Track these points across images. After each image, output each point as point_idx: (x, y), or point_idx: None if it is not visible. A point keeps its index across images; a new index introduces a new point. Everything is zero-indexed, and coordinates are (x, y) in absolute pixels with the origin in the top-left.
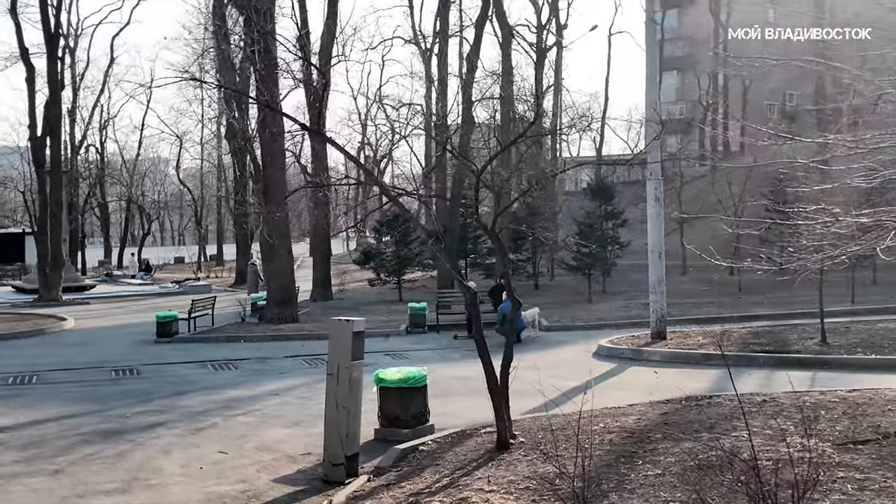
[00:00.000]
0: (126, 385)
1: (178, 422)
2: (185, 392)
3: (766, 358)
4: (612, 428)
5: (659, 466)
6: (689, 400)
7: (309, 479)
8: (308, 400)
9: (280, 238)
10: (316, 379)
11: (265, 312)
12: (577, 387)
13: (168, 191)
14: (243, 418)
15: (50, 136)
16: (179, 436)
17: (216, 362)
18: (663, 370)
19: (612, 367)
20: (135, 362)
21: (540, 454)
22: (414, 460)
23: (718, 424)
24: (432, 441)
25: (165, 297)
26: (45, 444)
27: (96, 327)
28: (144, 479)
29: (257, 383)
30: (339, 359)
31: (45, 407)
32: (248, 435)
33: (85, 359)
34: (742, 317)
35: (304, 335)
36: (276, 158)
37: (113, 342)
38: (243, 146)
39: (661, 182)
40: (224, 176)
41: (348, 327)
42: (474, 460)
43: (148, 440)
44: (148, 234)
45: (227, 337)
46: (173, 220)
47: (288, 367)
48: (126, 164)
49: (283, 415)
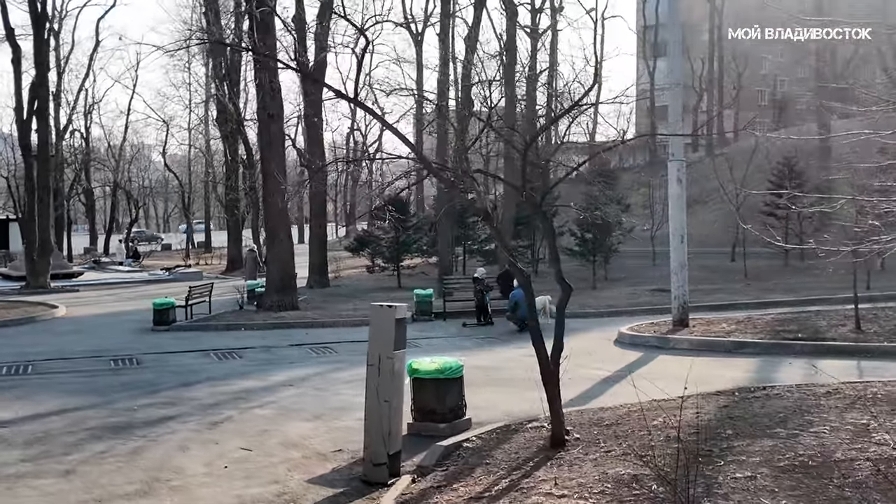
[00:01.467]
0: (127, 375)
1: (190, 415)
2: (191, 383)
3: (802, 346)
4: (672, 423)
5: (745, 467)
6: (743, 391)
7: (347, 480)
8: (325, 391)
9: (280, 223)
10: (328, 368)
11: (264, 300)
12: (608, 377)
13: (152, 177)
14: (259, 411)
15: (37, 119)
16: (195, 430)
17: (219, 351)
18: (694, 359)
19: (638, 355)
20: (134, 351)
21: (603, 453)
22: (459, 459)
23: (789, 419)
24: (476, 437)
25: (156, 285)
26: (50, 441)
27: (89, 315)
28: (166, 480)
29: (266, 373)
30: (381, 348)
31: (44, 399)
32: (270, 430)
33: (81, 348)
34: (757, 303)
35: (306, 323)
36: (275, 141)
37: (108, 330)
38: (235, 130)
39: (683, 163)
40: (212, 161)
41: (390, 314)
42: (529, 459)
43: (161, 435)
44: (136, 221)
45: (226, 325)
46: (158, 207)
47: (295, 357)
48: (112, 149)
49: (301, 407)
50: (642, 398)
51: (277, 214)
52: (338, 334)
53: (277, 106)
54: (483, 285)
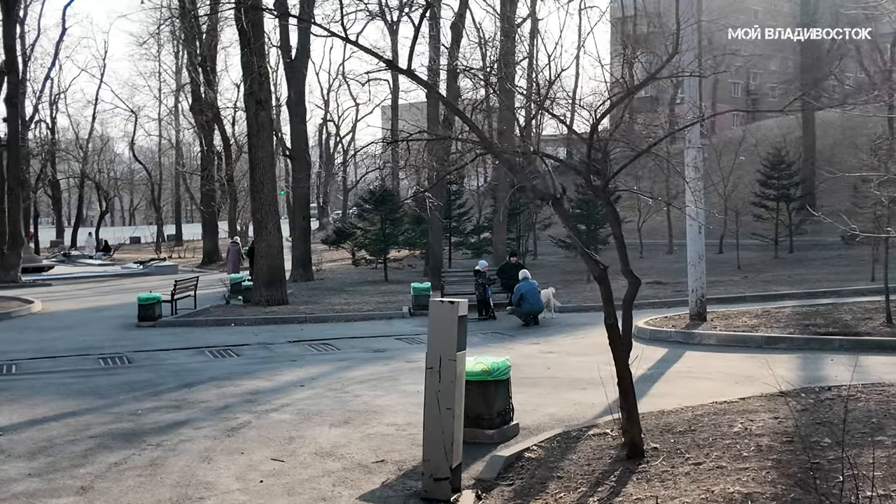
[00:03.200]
0: (122, 375)
1: (202, 420)
2: (193, 383)
3: (840, 341)
4: (755, 429)
5: (870, 484)
6: (809, 393)
7: (403, 497)
8: (342, 392)
9: (268, 214)
10: (336, 367)
11: (253, 294)
12: (643, 375)
13: (118, 170)
14: (277, 415)
15: (7, 107)
16: (212, 438)
17: (214, 348)
18: (725, 355)
19: (663, 351)
20: (122, 349)
21: (693, 466)
22: (523, 471)
23: (886, 425)
24: (537, 446)
25: (131, 279)
26: (55, 451)
27: (67, 310)
28: (198, 498)
29: (271, 372)
30: (442, 349)
31: (38, 402)
32: (295, 437)
33: (64, 345)
34: (765, 296)
35: (299, 318)
36: (262, 129)
37: (91, 326)
38: (212, 119)
39: (700, 150)
40: (182, 153)
41: (452, 311)
42: (608, 472)
43: (178, 444)
44: (106, 213)
45: (215, 320)
46: (123, 200)
47: (296, 354)
48: (79, 139)
49: (321, 411)
50: (694, 399)
51: (266, 205)
52: (335, 330)
53: (266, 92)
54: (485, 278)
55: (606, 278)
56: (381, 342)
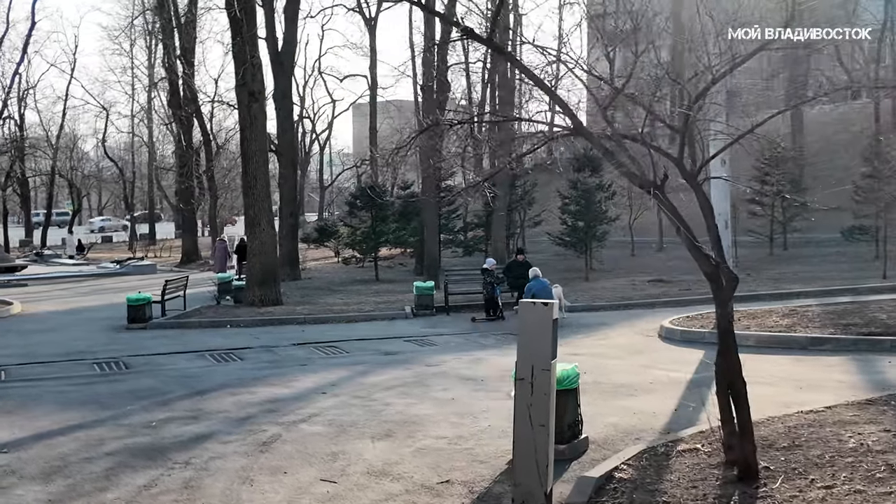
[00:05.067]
0: (122, 382)
1: (226, 433)
2: (204, 391)
3: (892, 342)
4: (872, 445)
5: None
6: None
7: None
8: (369, 400)
9: (262, 210)
10: (353, 372)
11: (245, 294)
12: (693, 380)
13: (85, 167)
14: (307, 426)
15: None
16: (245, 454)
17: (215, 352)
18: (770, 357)
19: (700, 353)
20: (117, 353)
21: (824, 489)
22: (619, 494)
23: None
24: (626, 465)
25: (109, 278)
26: (72, 471)
27: (48, 312)
28: None
29: (283, 377)
30: (535, 357)
31: (37, 414)
32: (338, 452)
33: (53, 350)
34: (779, 294)
35: (298, 319)
36: (256, 122)
37: (77, 329)
38: (191, 113)
39: (725, 141)
40: (154, 150)
41: (546, 313)
42: (722, 497)
43: (208, 461)
44: (79, 212)
45: (210, 322)
46: (91, 199)
47: (303, 357)
48: (49, 136)
49: (355, 421)
50: (761, 407)
51: (260, 201)
52: (337, 331)
53: (259, 83)
54: (493, 277)
55: (719, 276)
56: (390, 344)
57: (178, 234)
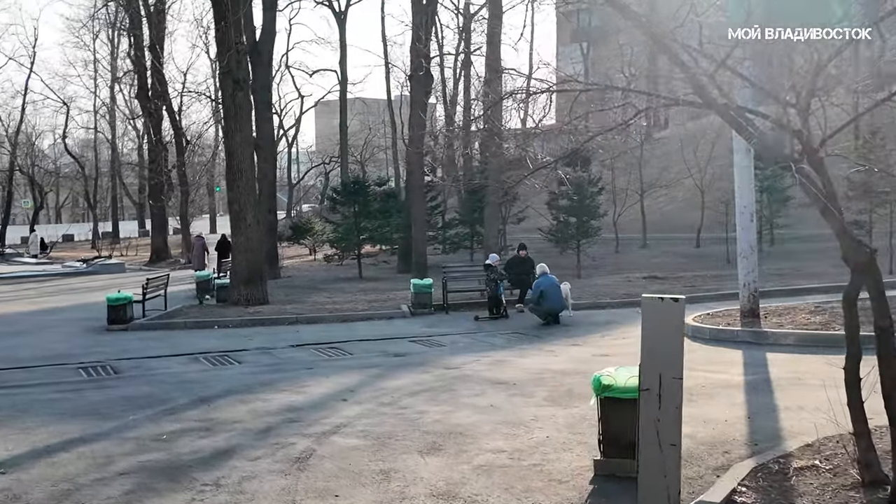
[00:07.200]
0: (115, 389)
1: (250, 447)
2: (209, 398)
3: None
4: None
5: None
6: None
7: None
8: (398, 407)
9: (247, 204)
10: (368, 375)
11: (231, 293)
12: (745, 383)
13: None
14: (341, 439)
15: None
16: (282, 473)
17: (208, 355)
18: (817, 357)
19: (738, 353)
20: (102, 357)
21: None
22: None
23: None
24: (743, 487)
25: (76, 278)
26: (85, 496)
27: (18, 313)
28: None
29: (293, 382)
30: (663, 364)
31: (30, 425)
32: (388, 471)
33: (31, 353)
34: (789, 290)
35: (289, 319)
36: (240, 112)
37: (53, 331)
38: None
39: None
40: (116, 145)
41: (676, 311)
42: None
43: (241, 482)
44: (41, 209)
45: (195, 322)
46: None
47: (306, 360)
48: (8, 131)
49: (393, 433)
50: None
51: (245, 195)
52: (334, 332)
53: (244, 71)
54: (497, 274)
55: (876, 267)
56: (396, 345)
57: (143, 232)
